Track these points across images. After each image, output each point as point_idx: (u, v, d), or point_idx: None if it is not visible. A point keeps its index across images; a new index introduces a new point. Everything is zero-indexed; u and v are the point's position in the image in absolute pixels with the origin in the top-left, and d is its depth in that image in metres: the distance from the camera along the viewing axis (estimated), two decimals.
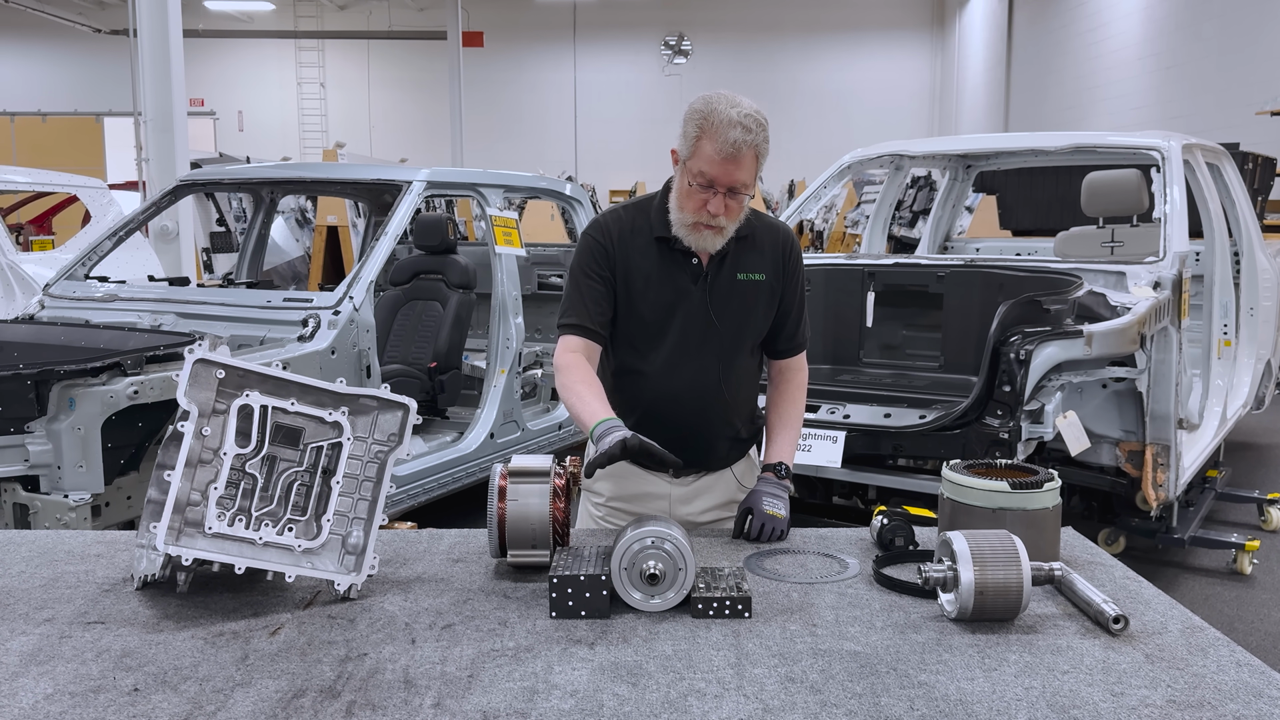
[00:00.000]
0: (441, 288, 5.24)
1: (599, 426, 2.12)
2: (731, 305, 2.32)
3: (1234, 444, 6.83)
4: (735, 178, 2.16)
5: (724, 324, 2.32)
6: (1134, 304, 3.61)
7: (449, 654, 1.67)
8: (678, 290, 2.31)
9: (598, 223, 2.38)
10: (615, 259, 2.32)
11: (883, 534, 2.19)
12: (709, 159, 2.15)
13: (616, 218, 2.38)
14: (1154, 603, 1.91)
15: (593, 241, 2.35)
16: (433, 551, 2.20)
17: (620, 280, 2.32)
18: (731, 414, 2.40)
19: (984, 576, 1.78)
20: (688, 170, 2.21)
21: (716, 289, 2.31)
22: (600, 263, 2.32)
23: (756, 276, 2.33)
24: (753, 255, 2.34)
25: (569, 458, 2.15)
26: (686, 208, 2.23)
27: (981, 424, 3.27)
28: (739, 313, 2.33)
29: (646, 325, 2.33)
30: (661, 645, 1.71)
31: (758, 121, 2.18)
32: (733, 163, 2.15)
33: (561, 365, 2.30)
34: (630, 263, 2.32)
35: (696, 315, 2.31)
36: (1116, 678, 1.59)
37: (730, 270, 2.31)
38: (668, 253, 2.31)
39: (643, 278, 2.32)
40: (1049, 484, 2.08)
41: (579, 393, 2.22)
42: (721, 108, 2.16)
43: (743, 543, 2.27)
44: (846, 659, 1.66)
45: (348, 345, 3.96)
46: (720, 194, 2.18)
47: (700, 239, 2.25)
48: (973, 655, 1.67)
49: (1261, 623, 4.11)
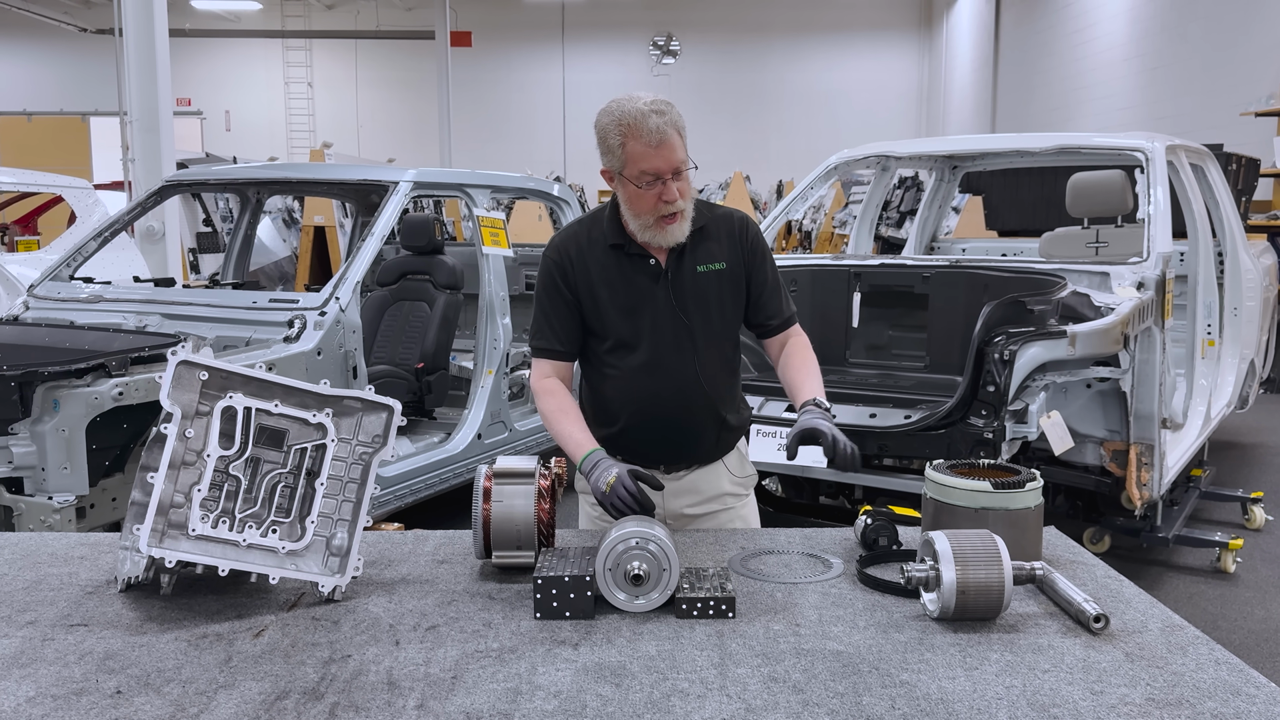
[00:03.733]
0: (429, 288, 5.24)
1: (586, 460, 2.25)
2: (696, 298, 2.36)
3: (1219, 443, 6.87)
4: (674, 160, 2.21)
5: (692, 318, 2.36)
6: (1117, 304, 3.63)
7: (433, 655, 1.67)
8: (641, 292, 2.34)
9: (553, 243, 2.43)
10: (575, 275, 2.36)
11: (866, 534, 2.20)
12: (644, 155, 2.20)
13: (571, 234, 2.43)
14: (1135, 601, 1.93)
15: (550, 263, 2.41)
16: (418, 553, 2.20)
17: (584, 294, 2.37)
18: (716, 404, 2.42)
19: (966, 576, 1.79)
20: (628, 179, 2.25)
21: (678, 285, 2.35)
22: (560, 283, 2.38)
23: (716, 266, 2.36)
24: (708, 245, 2.37)
25: (554, 459, 2.15)
26: (643, 210, 2.26)
27: (966, 424, 3.28)
28: (705, 304, 2.37)
29: (618, 331, 2.37)
30: (645, 646, 1.71)
31: (665, 103, 2.24)
32: (665, 147, 2.20)
33: (539, 391, 2.42)
34: (591, 275, 2.36)
35: (664, 313, 2.34)
36: (1096, 676, 1.60)
37: (689, 264, 2.35)
38: (625, 259, 2.35)
39: (606, 287, 2.36)
40: (1031, 484, 2.09)
41: (559, 421, 2.34)
42: (629, 106, 2.23)
43: (727, 543, 2.28)
44: (829, 658, 1.66)
45: (334, 346, 3.96)
46: (668, 180, 2.22)
47: (667, 233, 2.28)
48: (954, 654, 1.68)
49: (1245, 621, 4.14)
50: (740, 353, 2.52)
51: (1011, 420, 3.31)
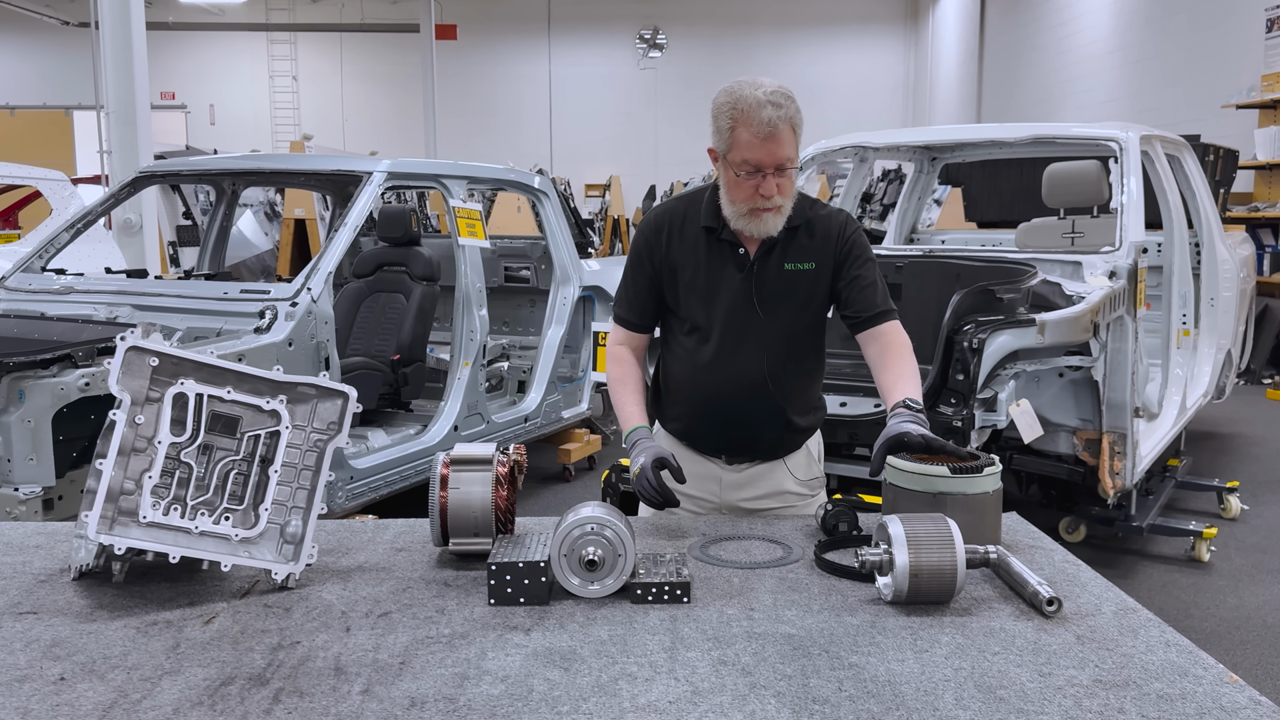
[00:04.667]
0: (405, 280, 5.22)
1: (629, 437, 2.31)
2: (777, 295, 2.32)
3: (1195, 433, 6.90)
4: (779, 155, 2.16)
5: (769, 315, 2.32)
6: (1089, 293, 3.64)
7: (382, 642, 1.66)
8: (723, 280, 2.32)
9: (647, 218, 2.42)
10: (662, 251, 2.36)
11: (826, 520, 2.20)
12: (749, 144, 2.15)
13: (669, 209, 2.41)
14: (1090, 585, 1.93)
15: (641, 234, 2.42)
16: (377, 541, 2.20)
17: (666, 272, 2.36)
18: (781, 405, 2.39)
19: (919, 560, 1.79)
20: (730, 164, 2.21)
21: (762, 279, 2.31)
22: (645, 256, 2.38)
23: (805, 266, 2.31)
24: (803, 244, 2.31)
25: (513, 445, 2.14)
26: (739, 198, 2.23)
27: (935, 412, 3.28)
28: (785, 303, 2.32)
29: (694, 315, 2.36)
30: (598, 630, 1.71)
31: (785, 95, 2.18)
32: (773, 141, 2.14)
33: (609, 356, 2.47)
34: (676, 253, 2.35)
35: (741, 305, 2.31)
36: (1046, 658, 1.60)
37: (778, 260, 2.31)
38: (714, 243, 2.33)
39: (690, 268, 2.35)
40: (989, 469, 2.09)
41: (617, 390, 2.40)
42: (747, 92, 2.16)
43: (689, 529, 2.27)
44: (780, 641, 1.66)
45: (305, 337, 3.94)
46: (769, 175, 2.17)
47: (760, 224, 2.24)
48: (905, 637, 1.68)
49: (1217, 609, 4.16)
50: (822, 356, 2.46)
51: (981, 408, 3.31)
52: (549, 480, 6.13)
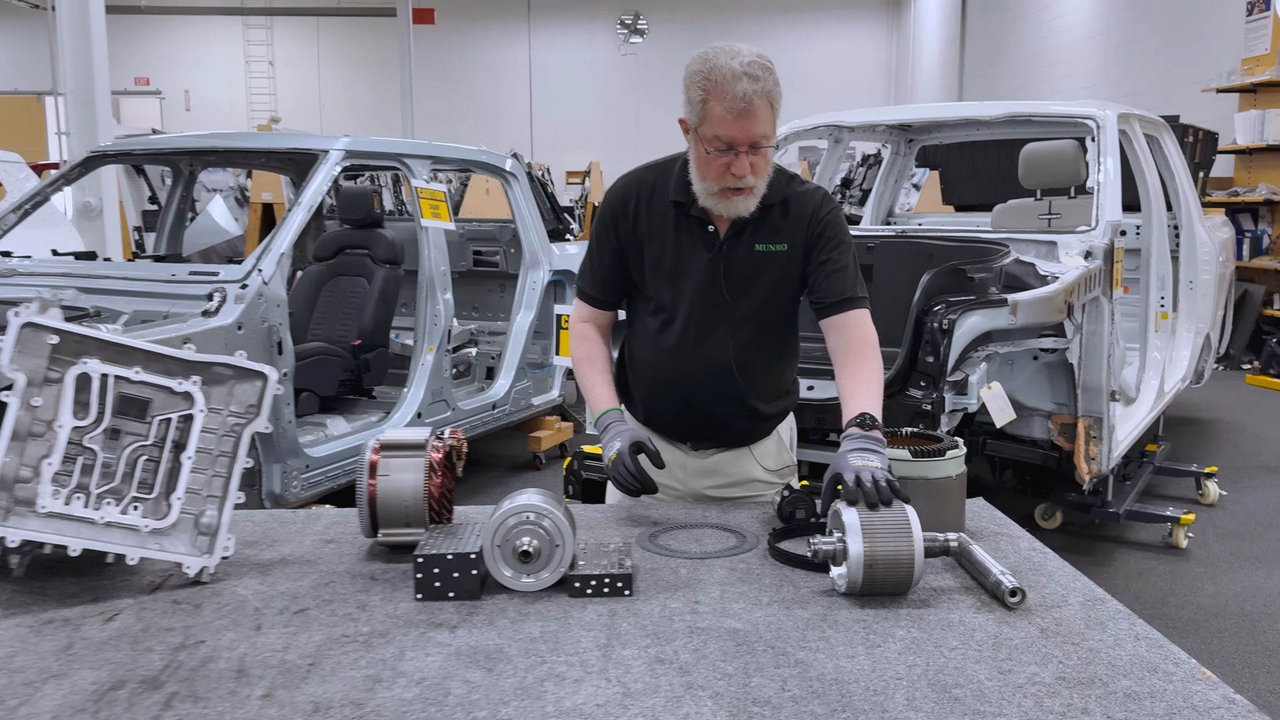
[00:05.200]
0: (367, 263, 5.08)
1: (600, 420, 2.18)
2: (746, 278, 2.18)
3: (1174, 418, 6.83)
4: (753, 133, 1.99)
5: (737, 298, 2.18)
6: (1063, 273, 3.54)
7: (294, 641, 1.54)
8: (690, 259, 2.18)
9: (614, 188, 2.27)
10: (627, 224, 2.22)
11: (783, 506, 2.08)
12: (721, 120, 1.99)
13: (636, 180, 2.26)
14: (1057, 575, 1.82)
15: (607, 206, 2.27)
16: (305, 532, 2.07)
17: (632, 247, 2.23)
18: (746, 392, 2.25)
19: (873, 549, 1.68)
20: (701, 138, 2.04)
21: (731, 260, 2.17)
22: (610, 229, 2.24)
23: (776, 248, 2.16)
24: (777, 224, 2.16)
25: (449, 429, 2.02)
26: (709, 176, 2.06)
27: (905, 395, 3.18)
28: (754, 286, 2.18)
29: (659, 295, 2.23)
30: (530, 627, 1.59)
31: (763, 66, 2.01)
32: (748, 117, 1.97)
33: (572, 334, 2.34)
34: (643, 228, 2.21)
35: (708, 287, 2.18)
36: (1006, 654, 1.50)
37: (749, 241, 2.16)
38: (683, 219, 2.18)
39: (657, 245, 2.21)
40: (952, 452, 1.99)
41: (584, 370, 2.27)
42: (722, 61, 1.99)
43: (641, 518, 2.16)
44: (724, 637, 1.55)
45: (256, 321, 3.80)
46: (742, 153, 2.01)
47: (730, 205, 2.09)
48: (857, 631, 1.57)
49: (1194, 596, 4.07)
50: (794, 343, 2.33)
51: (951, 392, 3.21)
52: (519, 468, 6.00)
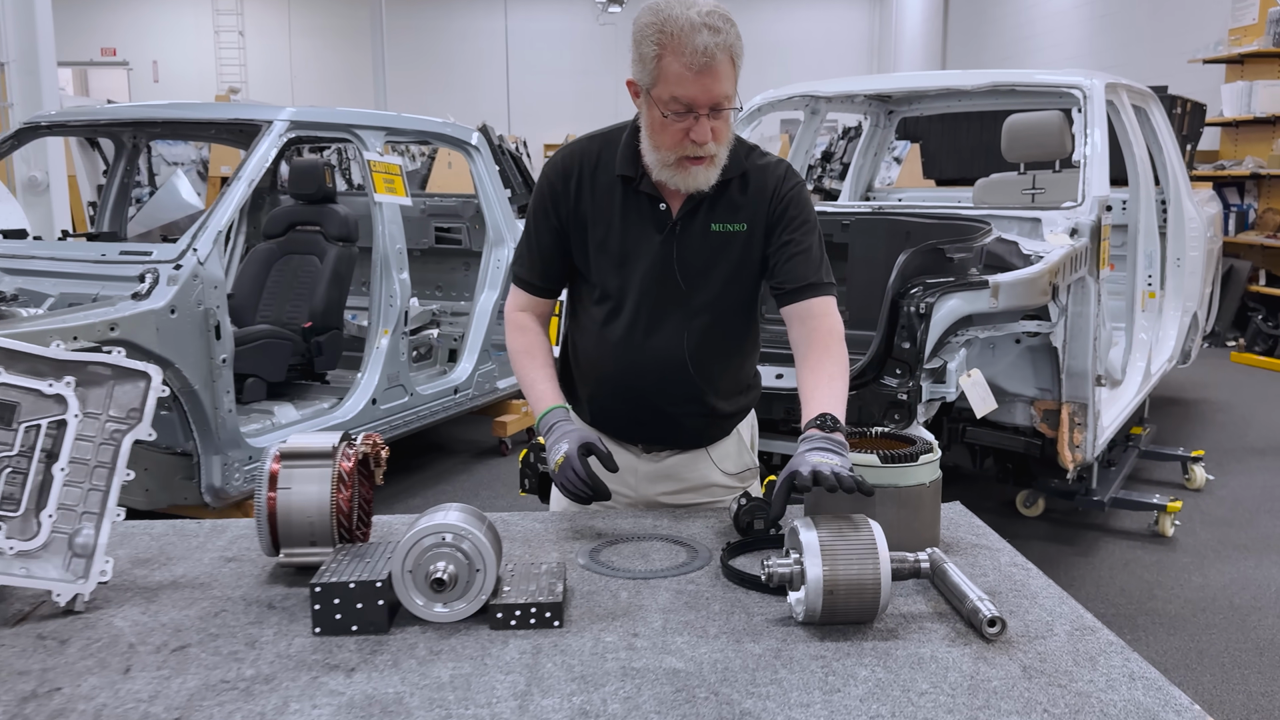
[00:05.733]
0: (319, 240, 4.83)
1: (543, 421, 1.95)
2: (702, 262, 1.95)
3: (1159, 399, 6.68)
4: (715, 92, 1.77)
5: (692, 285, 1.95)
6: (1047, 252, 3.34)
7: (164, 688, 1.33)
8: (640, 241, 1.95)
9: (554, 161, 2.02)
10: (569, 202, 1.98)
11: (740, 516, 1.88)
12: (679, 78, 1.76)
13: (579, 150, 2.01)
14: (1041, 597, 1.63)
15: (545, 181, 2.02)
16: (207, 547, 1.86)
17: (574, 227, 1.98)
18: (703, 388, 2.03)
19: (834, 573, 1.48)
20: (655, 101, 1.81)
21: (685, 241, 1.94)
22: (549, 206, 1.99)
23: (735, 228, 1.94)
24: (735, 201, 1.94)
25: (363, 434, 1.80)
26: (665, 144, 1.84)
27: (879, 384, 2.98)
28: (711, 272, 1.96)
29: (605, 282, 1.99)
30: (439, 669, 1.38)
31: (724, 17, 1.78)
32: (709, 74, 1.75)
33: (508, 324, 2.11)
34: (586, 206, 1.97)
35: (659, 272, 1.95)
36: (984, 699, 1.30)
37: (704, 220, 1.93)
38: (631, 195, 1.95)
39: (602, 225, 1.97)
40: (926, 456, 1.78)
41: (523, 365, 2.05)
42: (677, 12, 1.75)
43: (585, 529, 1.95)
44: (662, 680, 1.35)
45: (191, 303, 3.56)
46: (702, 117, 1.79)
47: (689, 178, 1.86)
48: (814, 672, 1.37)
49: (1181, 589, 3.91)
50: (754, 334, 2.11)
51: (928, 380, 3.01)
52: (484, 455, 5.79)
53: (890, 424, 2.99)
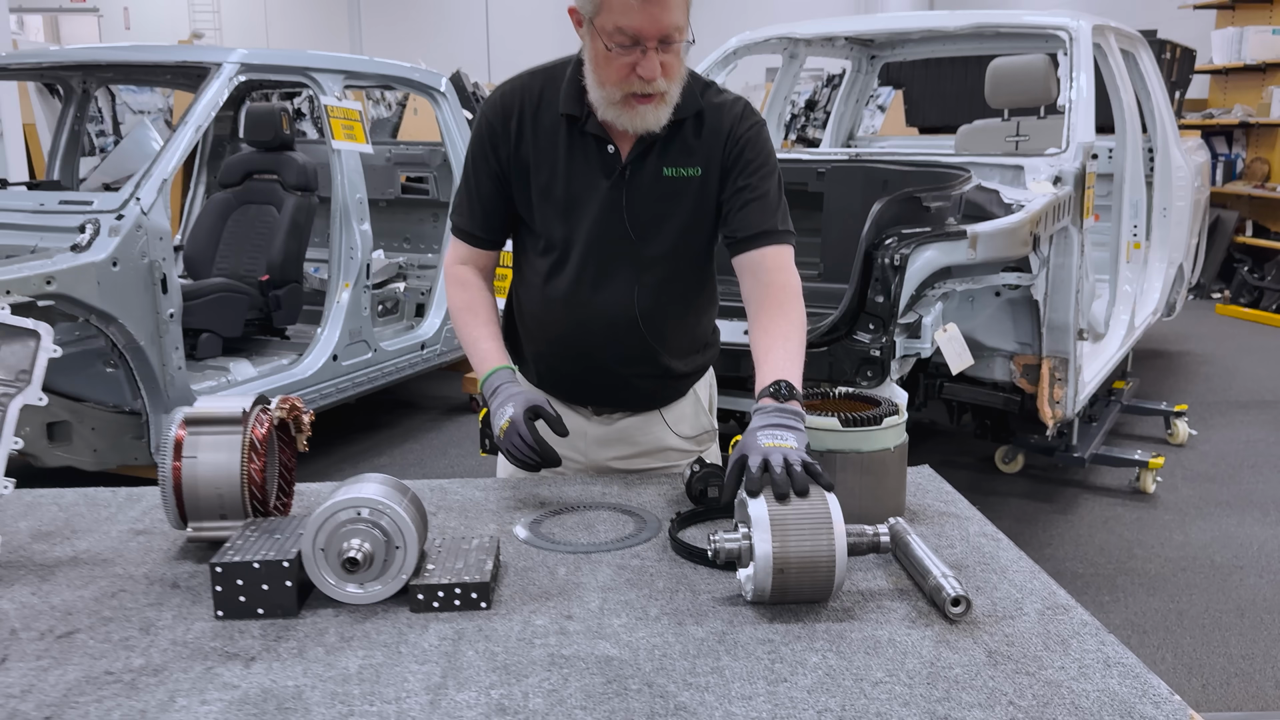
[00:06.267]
0: (277, 189, 4.64)
1: (487, 383, 1.81)
2: (654, 210, 1.80)
3: (1142, 353, 6.58)
4: (664, 23, 1.62)
5: (642, 235, 1.80)
6: (1029, 200, 3.19)
7: (41, 680, 1.20)
8: (586, 187, 1.79)
9: (492, 100, 1.84)
10: (509, 143, 1.81)
11: (692, 484, 1.75)
12: (624, 6, 1.60)
13: (519, 87, 1.83)
14: (1011, 571, 1.51)
15: (483, 121, 1.84)
16: (119, 518, 1.73)
17: (515, 171, 1.82)
18: (655, 347, 1.89)
19: (785, 549, 1.35)
20: (599, 31, 1.65)
21: (636, 187, 1.78)
22: (488, 148, 1.83)
23: (688, 172, 1.79)
24: (689, 144, 1.79)
25: (279, 398, 1.66)
26: (609, 80, 1.68)
27: (851, 340, 2.84)
28: (663, 220, 1.80)
29: (549, 231, 1.84)
30: (348, 659, 1.26)
31: None
32: (656, 3, 1.60)
33: (448, 279, 1.95)
34: (529, 150, 1.81)
35: (608, 221, 1.80)
36: (944, 690, 1.18)
37: (656, 164, 1.78)
38: (577, 136, 1.78)
39: (546, 170, 1.81)
40: (890, 419, 1.66)
41: (465, 322, 1.90)
42: None
43: (529, 498, 1.83)
44: (593, 670, 1.23)
45: (135, 255, 3.39)
46: (650, 50, 1.64)
47: (637, 117, 1.70)
48: (760, 658, 1.25)
49: (1162, 547, 3.82)
50: (711, 288, 1.96)
51: (903, 335, 2.88)
52: (454, 412, 5.65)
53: (863, 382, 2.86)
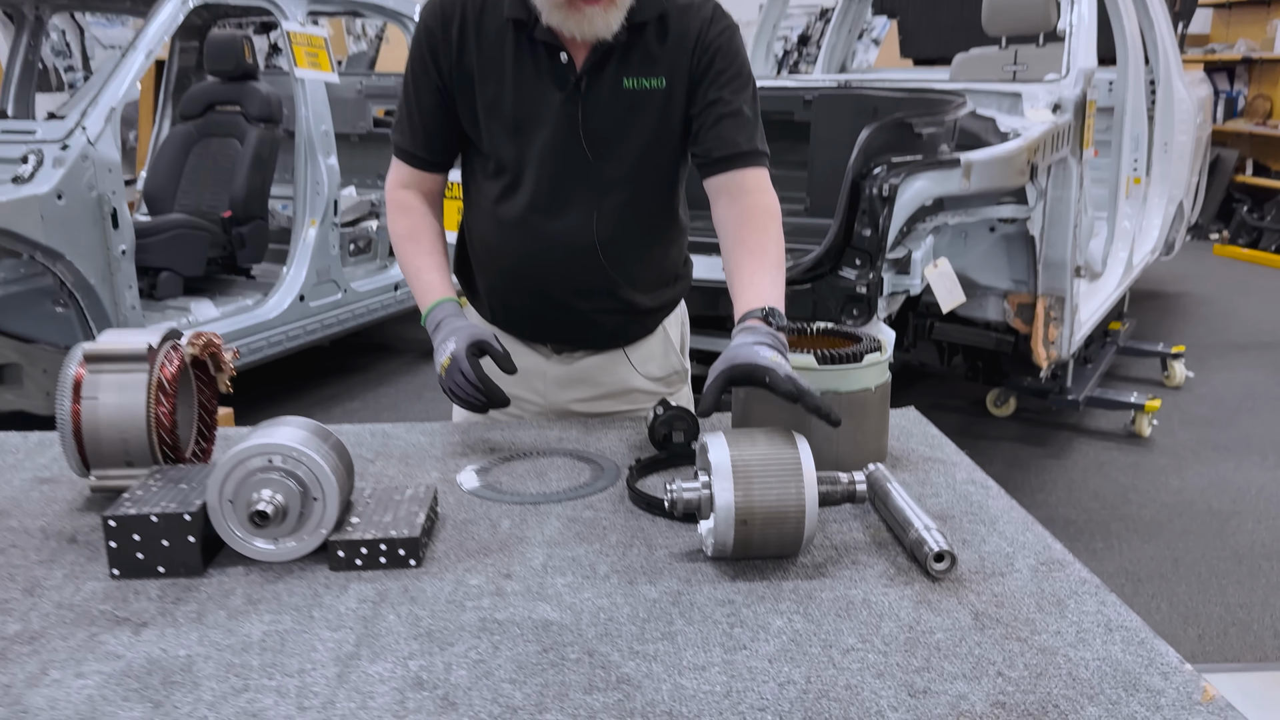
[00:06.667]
0: (240, 122, 4.43)
1: (430, 316, 1.67)
2: (612, 127, 1.62)
3: (1139, 293, 6.43)
4: None
5: (600, 154, 1.63)
6: (1026, 129, 3.02)
7: None
8: (537, 100, 1.61)
9: (430, 4, 1.65)
10: (450, 57, 1.63)
11: (655, 428, 1.60)
12: None
13: None
14: (1001, 522, 1.37)
15: (422, 31, 1.65)
16: (25, 465, 1.57)
17: (459, 86, 1.64)
18: (617, 279, 1.72)
19: (749, 499, 1.20)
20: None
21: (592, 103, 1.60)
22: (428, 59, 1.64)
23: (651, 83, 1.62)
24: (651, 51, 1.61)
25: (191, 332, 1.50)
26: None
27: (836, 276, 2.68)
28: (624, 136, 1.63)
29: (499, 151, 1.66)
30: (252, 624, 1.11)
31: None
32: None
33: (389, 204, 1.77)
34: (473, 60, 1.62)
35: (562, 139, 1.62)
36: (924, 659, 1.04)
37: (615, 74, 1.60)
38: (525, 44, 1.59)
39: (492, 81, 1.62)
40: (872, 357, 1.50)
41: (407, 250, 1.74)
42: None
43: (478, 443, 1.68)
44: (528, 636, 1.08)
45: (81, 188, 3.21)
46: None
47: (584, 21, 1.52)
48: (718, 623, 1.11)
49: (1158, 492, 3.70)
50: (676, 214, 1.78)
51: (891, 271, 2.72)
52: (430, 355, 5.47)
53: (849, 320, 2.71)
